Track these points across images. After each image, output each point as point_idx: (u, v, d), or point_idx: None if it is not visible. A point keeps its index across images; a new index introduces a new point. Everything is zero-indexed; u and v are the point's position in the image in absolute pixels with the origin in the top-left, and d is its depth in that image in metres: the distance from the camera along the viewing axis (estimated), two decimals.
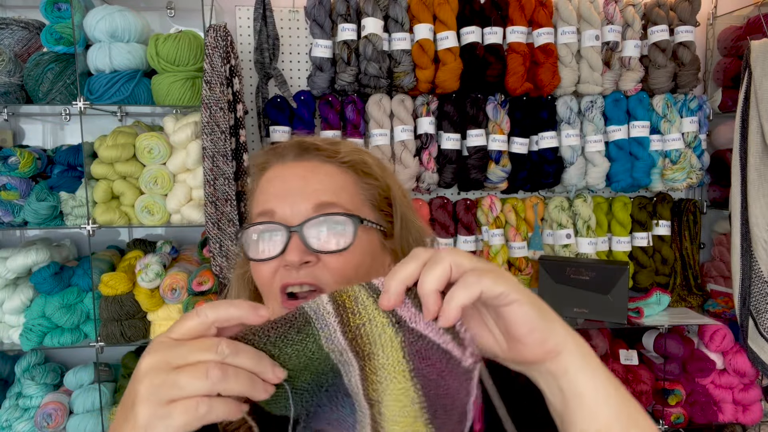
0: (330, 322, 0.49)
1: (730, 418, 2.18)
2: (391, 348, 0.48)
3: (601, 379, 0.48)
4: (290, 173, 0.74)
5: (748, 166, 1.99)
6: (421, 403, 0.48)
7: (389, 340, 0.48)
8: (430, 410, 0.48)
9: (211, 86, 1.76)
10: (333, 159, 0.75)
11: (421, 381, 0.48)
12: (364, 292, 0.50)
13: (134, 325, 1.92)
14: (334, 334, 0.49)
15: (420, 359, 0.48)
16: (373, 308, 0.49)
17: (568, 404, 0.48)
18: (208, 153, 1.78)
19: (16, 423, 1.94)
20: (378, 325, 0.49)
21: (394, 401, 0.48)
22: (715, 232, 2.43)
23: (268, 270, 0.71)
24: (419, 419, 0.49)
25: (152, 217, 1.90)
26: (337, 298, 0.49)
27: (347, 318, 0.49)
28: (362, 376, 0.50)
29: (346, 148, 0.77)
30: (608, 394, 0.48)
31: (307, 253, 0.69)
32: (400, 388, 0.48)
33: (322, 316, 0.49)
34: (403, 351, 0.48)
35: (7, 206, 1.86)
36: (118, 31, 1.86)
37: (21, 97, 1.92)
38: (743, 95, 2.00)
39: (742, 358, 2.11)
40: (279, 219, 0.71)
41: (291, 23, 2.16)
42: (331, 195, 0.72)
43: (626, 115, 2.15)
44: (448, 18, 1.99)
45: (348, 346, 0.49)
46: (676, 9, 2.14)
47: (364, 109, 2.05)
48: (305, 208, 0.71)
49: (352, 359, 0.50)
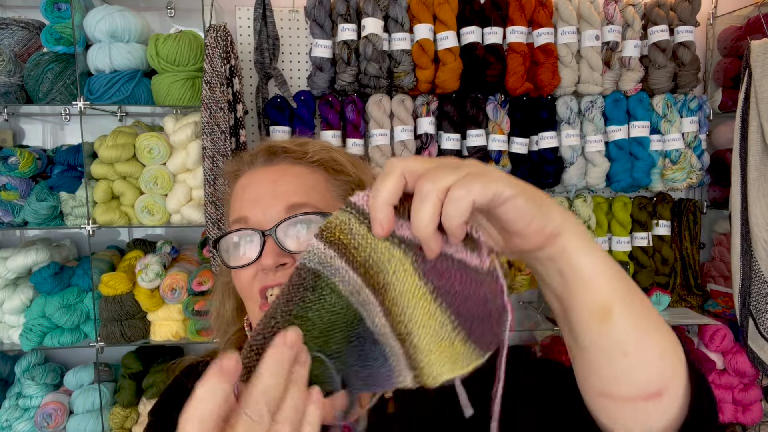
0: (337, 265, 0.46)
1: (730, 418, 2.18)
2: (404, 272, 0.45)
3: (599, 255, 0.48)
4: (260, 178, 0.75)
5: (748, 166, 1.99)
6: (452, 323, 0.45)
7: (400, 265, 0.45)
8: (465, 326, 0.45)
9: (211, 86, 1.76)
10: (302, 160, 0.76)
11: (445, 299, 0.45)
12: (354, 220, 0.46)
13: (134, 325, 1.92)
14: (347, 275, 0.46)
15: (437, 276, 0.45)
16: (369, 235, 0.46)
17: (568, 284, 0.48)
18: (208, 153, 1.78)
19: (16, 423, 1.94)
20: (383, 251, 0.45)
21: (423, 329, 0.45)
22: (715, 232, 2.43)
23: (247, 276, 0.72)
24: (456, 339, 0.45)
25: (152, 217, 1.90)
26: (330, 237, 0.46)
27: (351, 255, 0.46)
28: (384, 312, 0.46)
29: (314, 148, 0.77)
30: (606, 269, 0.48)
31: (282, 255, 0.69)
32: (425, 313, 0.45)
33: (327, 263, 0.46)
34: (417, 272, 0.45)
35: (7, 206, 1.86)
36: (118, 31, 1.86)
37: (21, 97, 1.92)
38: (743, 95, 2.00)
39: (742, 358, 2.11)
40: (253, 224, 0.72)
41: (291, 23, 2.16)
42: (302, 195, 0.72)
43: (626, 115, 2.15)
44: (448, 18, 1.99)
45: (363, 282, 0.46)
46: (676, 9, 2.13)
47: (364, 109, 2.05)
48: (276, 210, 0.71)
49: (370, 296, 0.46)
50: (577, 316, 0.49)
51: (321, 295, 0.45)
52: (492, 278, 0.44)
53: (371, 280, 0.46)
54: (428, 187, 0.43)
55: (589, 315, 0.48)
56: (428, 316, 0.45)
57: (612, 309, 0.48)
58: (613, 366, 0.50)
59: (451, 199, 0.42)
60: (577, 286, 0.48)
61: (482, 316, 0.45)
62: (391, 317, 0.46)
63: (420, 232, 0.43)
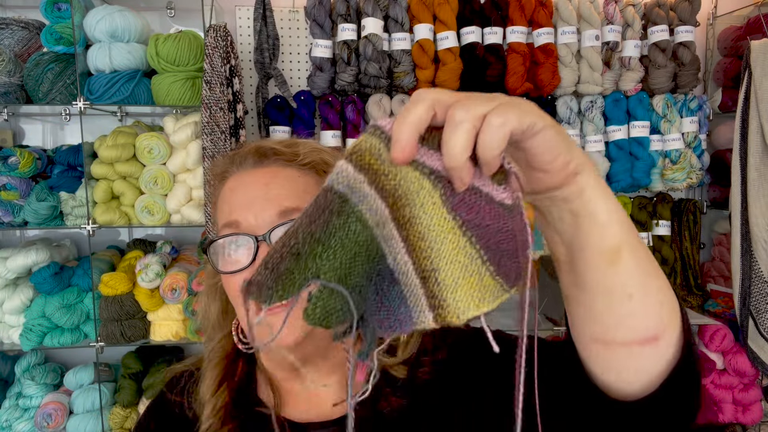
0: (366, 191, 0.42)
1: (730, 418, 2.18)
2: (432, 205, 0.43)
3: (612, 198, 0.49)
4: (251, 181, 0.74)
5: (748, 166, 1.99)
6: (481, 257, 0.43)
7: (428, 196, 0.43)
8: (494, 261, 0.44)
9: (211, 86, 1.76)
10: (293, 162, 0.75)
11: (475, 233, 0.43)
12: (383, 146, 0.42)
13: (134, 325, 1.92)
14: (375, 203, 0.43)
15: (466, 210, 0.43)
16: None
17: (581, 226, 0.48)
18: (208, 153, 1.78)
19: (16, 423, 1.94)
20: (413, 181, 0.43)
21: (451, 264, 0.43)
22: (715, 232, 2.43)
23: (239, 282, 0.70)
24: (485, 274, 0.44)
25: (152, 217, 1.90)
26: (360, 161, 0.42)
27: (380, 181, 0.43)
28: (407, 249, 0.44)
29: (305, 149, 0.76)
30: (619, 212, 0.49)
31: None
32: (454, 248, 0.43)
33: (356, 187, 0.42)
34: (446, 206, 0.43)
35: (7, 206, 1.86)
36: (118, 31, 1.86)
37: (21, 97, 1.92)
38: (743, 95, 2.00)
39: (742, 358, 2.11)
40: (244, 229, 0.70)
41: (291, 23, 2.16)
42: (295, 199, 0.71)
43: (626, 115, 2.15)
44: (448, 18, 1.99)
45: (389, 214, 0.43)
46: (676, 9, 2.13)
47: (364, 109, 2.05)
48: (269, 215, 0.70)
49: (393, 230, 0.44)
50: (586, 257, 0.50)
51: (346, 222, 0.42)
52: (517, 213, 0.43)
53: (397, 213, 0.43)
54: (462, 113, 0.40)
55: (599, 256, 0.49)
56: (457, 251, 0.43)
57: (621, 251, 0.49)
58: (616, 309, 0.51)
59: (489, 127, 0.40)
60: (590, 227, 0.48)
61: (510, 252, 0.44)
62: (415, 253, 0.44)
63: (452, 161, 0.41)
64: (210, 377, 0.78)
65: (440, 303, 0.44)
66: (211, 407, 0.75)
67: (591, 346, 0.54)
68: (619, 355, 0.53)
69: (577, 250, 0.50)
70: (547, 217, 0.51)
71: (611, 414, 0.56)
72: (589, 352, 0.55)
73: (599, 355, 0.54)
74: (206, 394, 0.77)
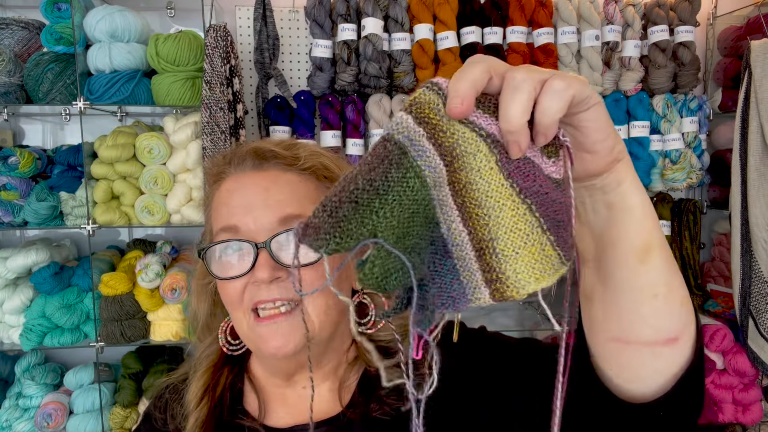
0: (425, 145, 0.40)
1: (730, 418, 2.18)
2: (489, 170, 0.41)
3: (646, 193, 0.48)
4: (250, 184, 0.72)
5: (748, 166, 1.98)
6: (542, 226, 0.41)
7: (485, 160, 0.40)
8: (553, 231, 0.41)
9: (211, 86, 1.76)
10: (293, 167, 0.73)
11: (534, 201, 0.41)
12: (441, 102, 0.40)
13: (134, 325, 1.92)
14: (434, 160, 0.40)
15: (522, 177, 0.41)
16: (457, 122, 0.40)
17: (615, 219, 0.47)
18: (208, 153, 1.78)
19: (16, 423, 1.94)
20: (471, 142, 0.40)
21: (510, 232, 0.41)
22: (715, 232, 2.43)
23: (236, 288, 0.69)
24: (546, 244, 0.41)
25: (152, 217, 1.90)
26: (420, 113, 0.40)
27: (439, 138, 0.40)
28: (463, 218, 0.41)
29: (304, 152, 0.75)
30: (652, 209, 0.48)
31: (277, 269, 0.67)
32: (514, 215, 0.41)
33: (416, 140, 0.40)
34: (502, 171, 0.41)
35: (7, 206, 1.86)
36: (118, 31, 1.86)
37: (21, 97, 1.92)
38: (743, 95, 2.00)
39: (742, 358, 2.11)
40: (244, 234, 0.69)
41: (291, 23, 2.15)
42: (296, 206, 0.70)
43: (626, 115, 2.15)
44: (448, 18, 1.99)
45: (447, 174, 0.41)
46: (676, 9, 2.13)
47: (364, 109, 2.05)
48: (269, 221, 0.69)
49: (449, 196, 0.41)
50: (617, 252, 0.49)
51: (404, 177, 0.39)
52: (566, 187, 0.42)
53: (453, 175, 0.41)
54: (522, 75, 0.39)
55: (631, 252, 0.48)
56: (517, 218, 0.41)
57: (652, 248, 0.48)
58: (641, 308, 0.50)
59: (551, 91, 0.39)
60: (625, 221, 0.47)
61: (565, 224, 0.42)
62: (471, 222, 0.41)
63: (511, 124, 0.39)
64: (194, 389, 0.77)
65: (498, 276, 0.41)
66: (194, 420, 0.75)
67: (609, 345, 0.53)
68: (639, 355, 0.52)
69: (608, 246, 0.49)
70: (578, 208, 0.50)
71: (621, 415, 0.55)
72: (605, 351, 0.54)
73: (618, 354, 0.53)
74: (189, 406, 0.76)
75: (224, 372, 0.80)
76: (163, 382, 0.87)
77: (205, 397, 0.76)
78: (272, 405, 0.78)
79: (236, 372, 0.82)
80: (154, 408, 0.83)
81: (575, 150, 0.44)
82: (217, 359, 0.81)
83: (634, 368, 0.53)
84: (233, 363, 0.82)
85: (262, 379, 0.80)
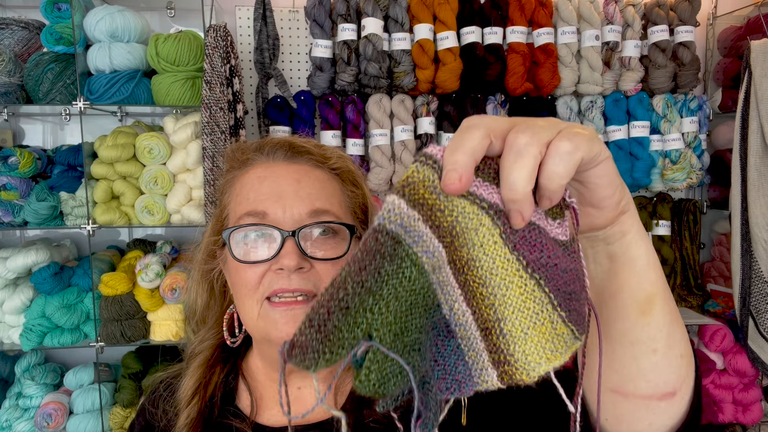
0: (421, 230, 0.36)
1: (730, 418, 2.18)
2: (493, 245, 0.38)
3: (649, 242, 0.46)
4: (282, 173, 0.72)
5: (748, 166, 1.98)
6: (552, 302, 0.38)
7: (489, 235, 0.37)
8: (564, 305, 0.39)
9: (211, 86, 1.76)
10: (323, 165, 0.75)
11: (543, 274, 0.38)
12: (437, 177, 0.36)
13: (134, 325, 1.92)
14: (431, 244, 0.37)
15: (528, 248, 0.38)
16: (455, 197, 0.37)
17: (617, 271, 0.46)
18: (208, 153, 1.78)
19: (16, 423, 1.94)
20: (471, 217, 0.37)
21: (519, 312, 0.38)
22: (715, 232, 2.43)
23: (256, 274, 0.69)
24: (557, 321, 0.39)
25: (152, 217, 1.90)
26: (414, 195, 0.36)
27: (436, 218, 0.37)
28: (467, 296, 0.38)
29: (333, 155, 0.76)
30: (654, 258, 0.46)
31: (302, 259, 0.68)
32: (521, 293, 0.38)
33: (410, 226, 0.36)
34: (507, 245, 0.38)
35: (7, 206, 1.86)
36: (118, 31, 1.86)
37: (21, 97, 1.92)
38: (743, 95, 2.00)
39: (742, 358, 2.11)
40: (271, 221, 0.69)
41: (291, 23, 2.15)
42: (325, 201, 0.71)
43: (626, 115, 2.15)
44: (448, 18, 1.99)
45: (446, 255, 0.37)
46: (676, 9, 2.13)
47: (364, 109, 2.05)
48: (299, 212, 0.69)
49: (450, 275, 0.38)
50: (618, 304, 0.47)
51: (399, 268, 0.36)
52: (574, 250, 0.39)
53: (454, 253, 0.38)
54: (526, 138, 0.36)
55: (632, 305, 0.46)
56: (526, 296, 0.38)
57: (655, 300, 0.46)
58: (639, 362, 0.48)
59: (557, 153, 0.36)
60: (627, 274, 0.45)
61: (576, 293, 0.39)
62: (475, 301, 0.38)
63: (514, 192, 0.36)
64: (186, 385, 0.77)
65: (506, 358, 0.39)
66: (185, 416, 0.74)
67: (606, 395, 0.52)
68: (636, 407, 0.50)
69: (608, 297, 0.47)
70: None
71: None
72: (603, 402, 0.52)
73: (614, 405, 0.52)
74: (181, 403, 0.76)
75: (217, 369, 0.80)
76: (159, 376, 0.87)
77: (196, 395, 0.76)
78: (266, 402, 0.78)
79: (229, 368, 0.81)
80: (149, 402, 0.83)
81: (581, 205, 0.42)
82: (210, 355, 0.80)
83: (630, 420, 0.52)
84: (227, 359, 0.82)
85: (260, 375, 0.80)
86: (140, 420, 0.83)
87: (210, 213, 1.80)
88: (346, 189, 0.77)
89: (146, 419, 0.82)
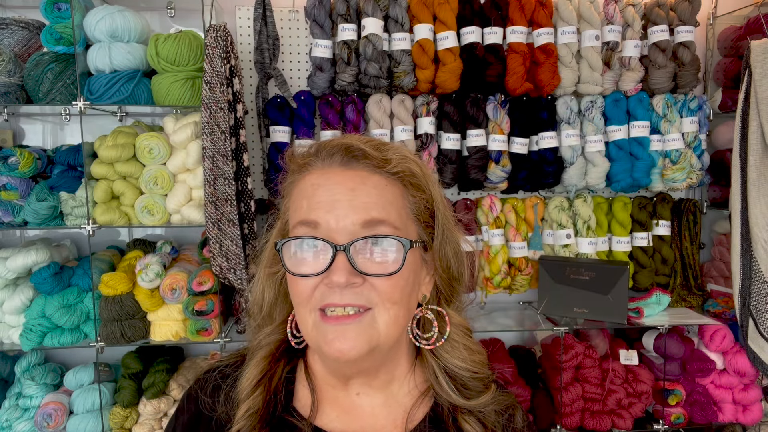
0: None
1: (730, 418, 2.18)
2: None
3: None
4: (336, 181, 0.70)
5: (748, 166, 1.99)
6: None
7: None
8: None
9: (211, 86, 1.76)
10: (382, 169, 0.71)
11: None
12: None
13: (134, 325, 1.92)
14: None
15: None
16: None
17: None
18: (208, 153, 1.78)
19: (16, 423, 1.94)
20: None
21: None
22: (715, 232, 2.43)
23: (308, 286, 0.68)
24: None
25: (152, 217, 1.90)
26: None
27: None
28: None
29: (395, 156, 0.72)
30: None
31: (354, 275, 0.66)
32: None
33: None
34: None
35: (7, 206, 1.86)
36: (118, 31, 1.86)
37: (21, 97, 1.92)
38: (743, 95, 2.00)
39: (742, 358, 2.11)
40: (323, 232, 0.68)
41: (291, 23, 2.16)
42: (380, 210, 0.68)
43: (626, 115, 2.15)
44: (448, 18, 1.99)
45: None
46: (676, 9, 2.14)
47: (364, 109, 2.05)
48: (352, 222, 0.67)
49: None
50: None
51: None
52: None
53: None
54: None
55: None
56: None
57: None
58: None
59: None
60: None
61: None
62: None
63: None
64: (249, 377, 0.76)
65: None
66: (245, 409, 0.73)
67: None
68: None
69: None
70: None
71: None
72: None
73: None
74: (242, 394, 0.75)
75: (281, 363, 0.79)
76: (207, 366, 0.85)
77: (260, 386, 0.75)
78: (324, 405, 0.77)
79: (291, 367, 0.80)
80: (201, 391, 0.80)
81: None
82: (275, 349, 0.79)
83: None
84: (290, 356, 0.81)
85: (319, 377, 0.79)
86: (190, 407, 0.80)
87: (210, 213, 1.80)
88: (407, 193, 0.73)
89: (197, 407, 0.79)
